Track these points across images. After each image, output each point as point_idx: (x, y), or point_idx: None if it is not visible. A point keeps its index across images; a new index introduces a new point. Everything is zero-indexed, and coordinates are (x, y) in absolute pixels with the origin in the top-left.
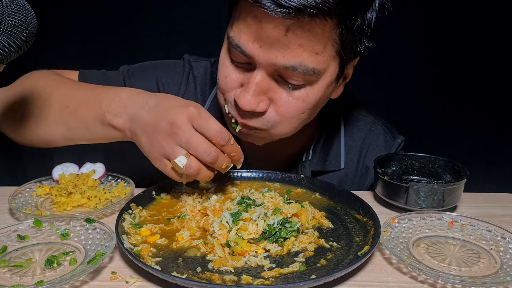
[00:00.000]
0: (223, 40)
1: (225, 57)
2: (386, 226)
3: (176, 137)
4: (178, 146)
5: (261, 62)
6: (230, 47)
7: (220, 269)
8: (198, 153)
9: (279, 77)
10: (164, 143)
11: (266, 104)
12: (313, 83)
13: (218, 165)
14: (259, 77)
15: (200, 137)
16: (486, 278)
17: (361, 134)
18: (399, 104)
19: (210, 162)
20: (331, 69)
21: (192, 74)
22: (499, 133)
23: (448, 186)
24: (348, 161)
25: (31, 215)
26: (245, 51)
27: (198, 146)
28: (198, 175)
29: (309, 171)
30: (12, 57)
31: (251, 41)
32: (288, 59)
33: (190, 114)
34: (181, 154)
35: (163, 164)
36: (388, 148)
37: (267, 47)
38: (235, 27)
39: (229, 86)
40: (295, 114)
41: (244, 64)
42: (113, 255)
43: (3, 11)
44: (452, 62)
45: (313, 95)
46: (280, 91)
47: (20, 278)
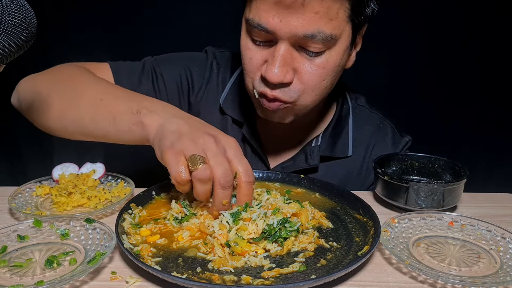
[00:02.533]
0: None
1: (246, 41)
2: (386, 226)
3: (207, 145)
4: (204, 153)
5: (283, 35)
6: (251, 28)
7: (220, 269)
8: (217, 169)
9: (300, 47)
10: (193, 142)
11: (292, 74)
12: (331, 49)
13: (223, 195)
14: (282, 49)
15: (227, 161)
16: (486, 278)
17: (369, 128)
18: (400, 104)
19: (221, 184)
20: (345, 34)
21: (216, 62)
22: (499, 133)
23: (448, 186)
24: (356, 152)
25: (31, 215)
26: (266, 27)
27: (221, 165)
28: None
29: (317, 156)
30: (12, 57)
31: (271, 16)
32: (307, 27)
33: (230, 143)
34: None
35: (176, 157)
36: (396, 145)
37: (287, 19)
38: (253, 9)
39: (255, 66)
40: (317, 81)
41: (266, 42)
42: (113, 255)
43: (3, 11)
44: (453, 63)
45: (332, 61)
46: (302, 60)
47: (20, 278)
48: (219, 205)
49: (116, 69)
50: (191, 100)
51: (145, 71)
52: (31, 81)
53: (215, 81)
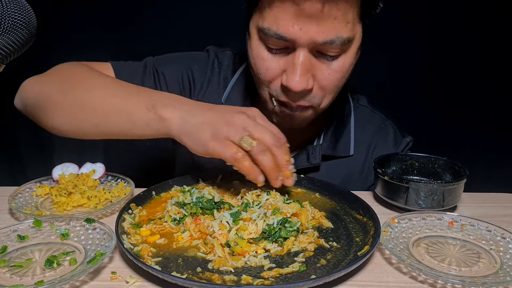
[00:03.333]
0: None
1: (260, 50)
2: (386, 226)
3: (245, 123)
4: (245, 131)
5: (303, 42)
6: (266, 38)
7: (220, 269)
8: (264, 137)
9: (318, 53)
10: (231, 125)
11: (312, 81)
12: (346, 51)
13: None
14: (302, 56)
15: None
16: (486, 278)
17: (371, 128)
18: (401, 104)
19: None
20: (358, 35)
21: (217, 61)
22: (499, 133)
23: (448, 186)
24: (357, 152)
25: (31, 215)
26: (285, 36)
27: (265, 133)
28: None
29: (319, 155)
30: (12, 57)
31: (291, 25)
32: (327, 34)
33: (256, 113)
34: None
35: (223, 144)
36: (397, 145)
37: (307, 27)
38: (268, 18)
39: (273, 76)
40: (335, 85)
41: (282, 49)
42: (113, 255)
43: (3, 11)
44: (454, 63)
45: (348, 63)
46: (321, 66)
47: (20, 278)
48: (284, 165)
49: (118, 69)
50: (193, 99)
51: (147, 71)
52: (35, 83)
53: (216, 80)
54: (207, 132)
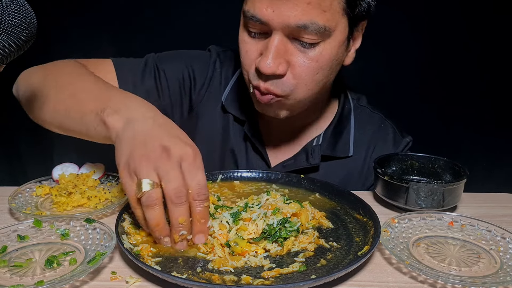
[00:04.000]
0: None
1: (243, 34)
2: (386, 226)
3: (159, 162)
4: (154, 172)
5: (276, 25)
6: (246, 20)
7: (220, 269)
8: (167, 186)
9: (294, 39)
10: (144, 160)
11: (285, 66)
12: (326, 42)
13: (178, 212)
14: (276, 40)
15: (180, 176)
16: (486, 278)
17: (371, 128)
18: (401, 104)
19: (173, 201)
20: (340, 27)
21: (219, 60)
22: (500, 133)
23: (448, 186)
24: (357, 152)
25: (31, 215)
26: (260, 18)
27: (173, 181)
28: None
29: (318, 155)
30: (12, 57)
31: (264, 7)
32: (300, 18)
33: (186, 154)
34: (151, 180)
35: (130, 177)
36: (397, 145)
37: (279, 10)
38: (249, 1)
39: (250, 59)
40: (310, 75)
41: (261, 33)
42: (113, 255)
43: (3, 11)
44: (454, 63)
45: (326, 55)
46: (296, 53)
47: (20, 278)
48: (176, 225)
49: (119, 66)
50: (193, 98)
51: (148, 68)
52: (28, 73)
53: (218, 80)
54: (124, 156)
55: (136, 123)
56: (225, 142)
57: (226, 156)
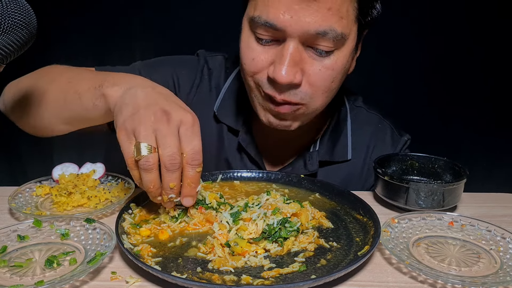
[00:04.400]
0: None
1: (249, 40)
2: (386, 226)
3: (158, 124)
4: (153, 134)
5: (293, 32)
6: (256, 27)
7: (220, 269)
8: (163, 152)
9: (308, 47)
10: (144, 122)
11: (301, 75)
12: (340, 49)
13: (169, 178)
14: (291, 47)
15: (177, 142)
16: (486, 278)
17: (368, 129)
18: (401, 104)
19: (167, 167)
20: (352, 35)
21: (207, 66)
22: (500, 133)
23: (448, 186)
24: (355, 155)
25: (31, 215)
26: (275, 24)
27: (169, 147)
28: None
29: (316, 161)
30: (12, 57)
31: (281, 12)
32: (320, 24)
33: (185, 120)
34: (150, 143)
35: (128, 138)
36: (395, 144)
37: (298, 16)
38: (259, 6)
39: (259, 67)
40: (326, 83)
41: (272, 41)
42: (113, 255)
43: (3, 11)
44: (454, 63)
45: (340, 62)
46: (311, 61)
47: (20, 278)
48: (166, 188)
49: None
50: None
51: None
52: (15, 83)
53: (207, 87)
54: (123, 118)
55: (136, 89)
56: (219, 151)
57: (221, 166)
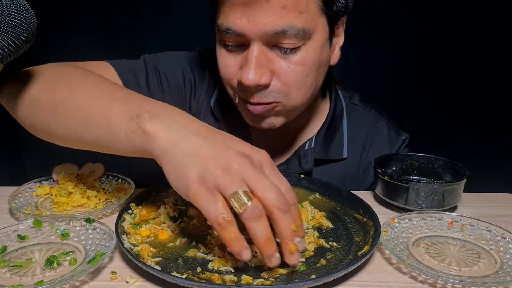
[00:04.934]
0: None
1: (220, 48)
2: (386, 226)
3: (246, 171)
4: (243, 183)
5: (253, 35)
6: (221, 34)
7: (220, 269)
8: (268, 196)
9: (273, 46)
10: (226, 174)
11: (269, 76)
12: (307, 44)
13: (286, 221)
14: (255, 50)
15: (273, 183)
16: (486, 278)
17: (364, 128)
18: (401, 103)
19: (280, 209)
20: (320, 28)
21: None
22: (500, 133)
23: (448, 186)
24: (351, 153)
25: (31, 215)
26: (235, 30)
27: (271, 188)
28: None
29: (311, 159)
30: (12, 57)
31: (238, 18)
32: (277, 23)
33: (264, 159)
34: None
35: (211, 195)
36: (392, 144)
37: (254, 18)
38: (221, 14)
39: (231, 73)
40: (299, 79)
41: (239, 46)
42: (113, 255)
43: (3, 11)
44: (455, 62)
45: (310, 57)
46: (278, 60)
47: (20, 278)
48: (287, 233)
49: (118, 68)
50: (192, 104)
51: (149, 70)
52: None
53: (207, 82)
54: (194, 171)
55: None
56: None
57: None
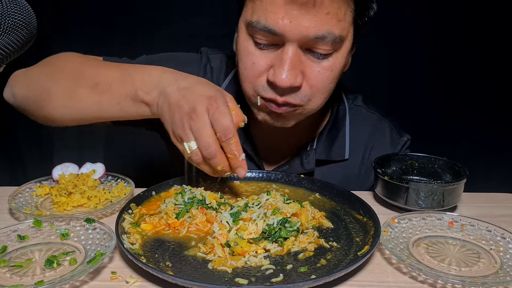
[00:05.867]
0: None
1: (247, 45)
2: (386, 226)
3: (191, 123)
4: (190, 132)
5: (292, 37)
6: (254, 31)
7: (220, 269)
8: (200, 144)
9: (307, 50)
10: (181, 124)
11: (301, 77)
12: (338, 51)
13: (214, 163)
14: (290, 52)
15: (209, 131)
16: (486, 278)
17: (367, 129)
18: (401, 103)
19: (207, 157)
20: (349, 36)
21: (209, 65)
22: (500, 133)
23: (448, 186)
24: (353, 154)
25: (31, 215)
26: (275, 30)
27: (203, 138)
28: (200, 165)
29: (313, 160)
30: (12, 57)
31: (280, 18)
32: (319, 28)
33: (211, 105)
34: (193, 140)
35: (178, 143)
36: (394, 145)
37: (297, 21)
38: (257, 10)
39: (258, 71)
40: (325, 84)
41: (270, 45)
42: (113, 255)
43: (3, 11)
44: (455, 62)
45: (338, 63)
46: (310, 64)
47: (20, 278)
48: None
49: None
50: None
51: None
52: (26, 74)
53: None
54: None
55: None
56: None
57: None
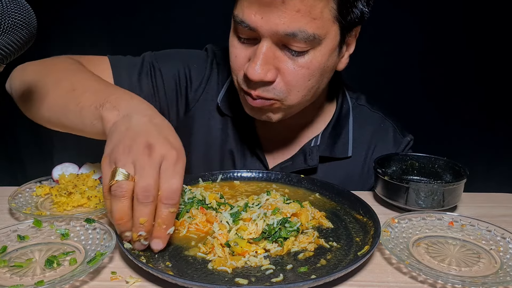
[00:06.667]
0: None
1: (232, 38)
2: (386, 226)
3: (139, 156)
4: (132, 165)
5: (264, 32)
6: (236, 25)
7: (219, 269)
8: (138, 182)
9: (283, 46)
10: (126, 151)
11: (274, 73)
12: (316, 49)
13: (140, 212)
14: (264, 47)
15: (155, 177)
16: (486, 278)
17: (370, 128)
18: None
19: (139, 199)
20: (331, 35)
21: (215, 60)
22: (500, 133)
23: (448, 186)
24: (356, 153)
25: (31, 215)
26: (249, 24)
27: (145, 179)
28: (116, 200)
29: (317, 156)
30: (12, 57)
31: (253, 13)
32: (288, 25)
33: (169, 156)
34: (127, 172)
35: (109, 166)
36: (397, 145)
37: (268, 17)
38: (238, 6)
39: (239, 64)
40: (301, 82)
41: (250, 39)
42: (113, 255)
43: (3, 11)
44: (455, 62)
45: (316, 62)
46: (285, 60)
47: (20, 278)
48: (136, 224)
49: (115, 64)
50: (189, 97)
51: (144, 66)
52: (22, 69)
53: (215, 80)
54: (109, 147)
55: (132, 118)
56: (223, 143)
57: (225, 158)
